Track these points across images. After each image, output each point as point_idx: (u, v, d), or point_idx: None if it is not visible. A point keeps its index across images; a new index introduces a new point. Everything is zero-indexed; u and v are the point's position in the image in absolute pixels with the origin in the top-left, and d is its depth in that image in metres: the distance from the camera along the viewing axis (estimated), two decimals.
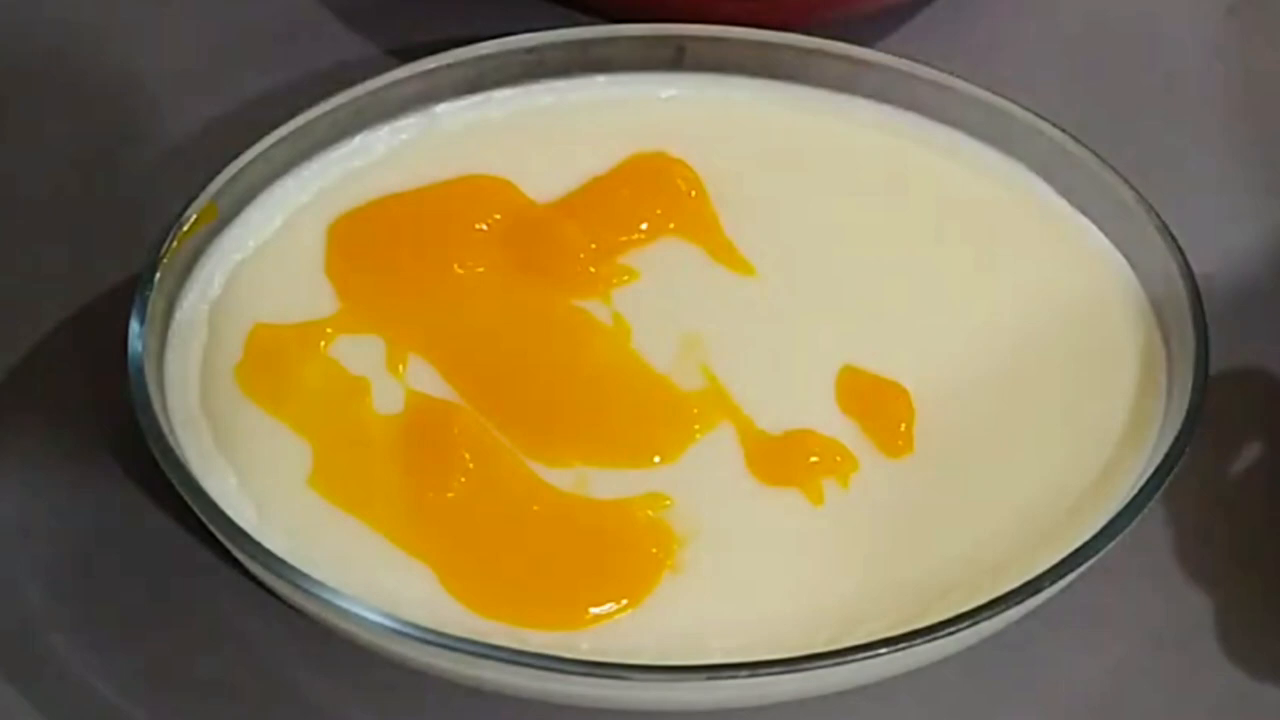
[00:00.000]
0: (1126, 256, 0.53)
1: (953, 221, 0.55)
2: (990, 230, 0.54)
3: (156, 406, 0.46)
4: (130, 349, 0.47)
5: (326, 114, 0.55)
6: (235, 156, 0.52)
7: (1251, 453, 0.53)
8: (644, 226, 0.54)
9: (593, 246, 0.53)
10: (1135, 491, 0.46)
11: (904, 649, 0.43)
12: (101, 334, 0.51)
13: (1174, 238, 0.51)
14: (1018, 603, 0.44)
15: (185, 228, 0.50)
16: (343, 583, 0.44)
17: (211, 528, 0.44)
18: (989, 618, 0.43)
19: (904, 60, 0.57)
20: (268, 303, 0.51)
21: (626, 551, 0.47)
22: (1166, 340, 0.51)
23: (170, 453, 0.45)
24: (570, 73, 0.57)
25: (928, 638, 0.43)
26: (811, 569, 0.47)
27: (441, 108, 0.56)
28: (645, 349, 0.51)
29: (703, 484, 0.48)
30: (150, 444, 0.45)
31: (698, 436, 0.49)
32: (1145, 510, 0.45)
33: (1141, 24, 0.67)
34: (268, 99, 0.62)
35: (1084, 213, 0.55)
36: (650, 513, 0.47)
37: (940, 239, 0.54)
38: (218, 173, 0.52)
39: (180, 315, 0.50)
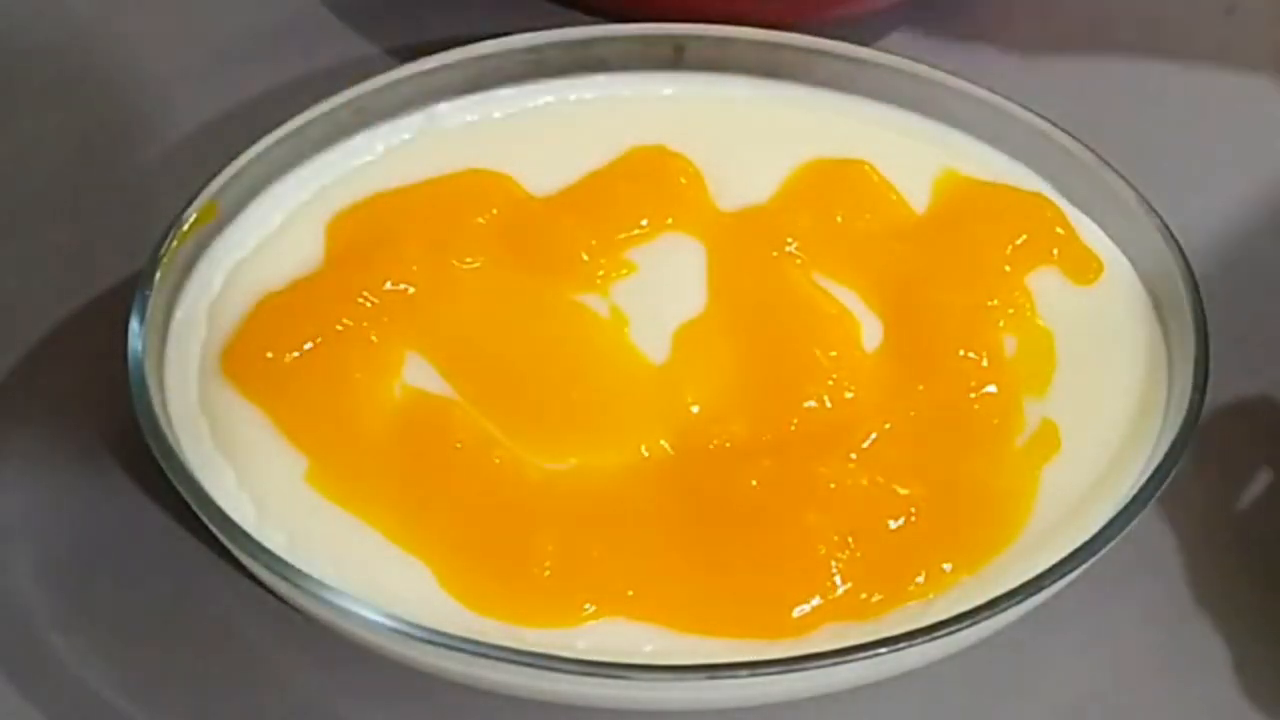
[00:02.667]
0: (1127, 256, 0.53)
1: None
2: None
3: (156, 405, 0.46)
4: (130, 348, 0.47)
5: (326, 114, 0.55)
6: (235, 156, 0.52)
7: (1252, 451, 0.53)
8: (643, 222, 0.53)
9: (592, 242, 0.53)
10: (1135, 491, 0.46)
11: (904, 649, 0.43)
12: (101, 334, 0.51)
13: (1174, 238, 0.51)
14: (1018, 603, 0.44)
15: (185, 227, 0.50)
16: (340, 580, 0.44)
17: (210, 526, 0.44)
18: (989, 618, 0.43)
19: (904, 60, 0.57)
20: None
21: None
22: (1167, 340, 0.51)
23: (170, 451, 0.45)
24: (570, 72, 0.57)
25: (928, 638, 0.43)
26: None
27: (442, 107, 0.56)
28: (643, 343, 0.51)
29: None
30: (150, 442, 0.45)
31: None
32: (1145, 510, 0.45)
33: (1141, 23, 0.67)
34: (268, 99, 0.62)
35: (1084, 212, 0.55)
36: None
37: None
38: (218, 173, 0.52)
39: (180, 314, 0.50)
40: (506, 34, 0.57)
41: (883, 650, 0.43)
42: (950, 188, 0.55)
